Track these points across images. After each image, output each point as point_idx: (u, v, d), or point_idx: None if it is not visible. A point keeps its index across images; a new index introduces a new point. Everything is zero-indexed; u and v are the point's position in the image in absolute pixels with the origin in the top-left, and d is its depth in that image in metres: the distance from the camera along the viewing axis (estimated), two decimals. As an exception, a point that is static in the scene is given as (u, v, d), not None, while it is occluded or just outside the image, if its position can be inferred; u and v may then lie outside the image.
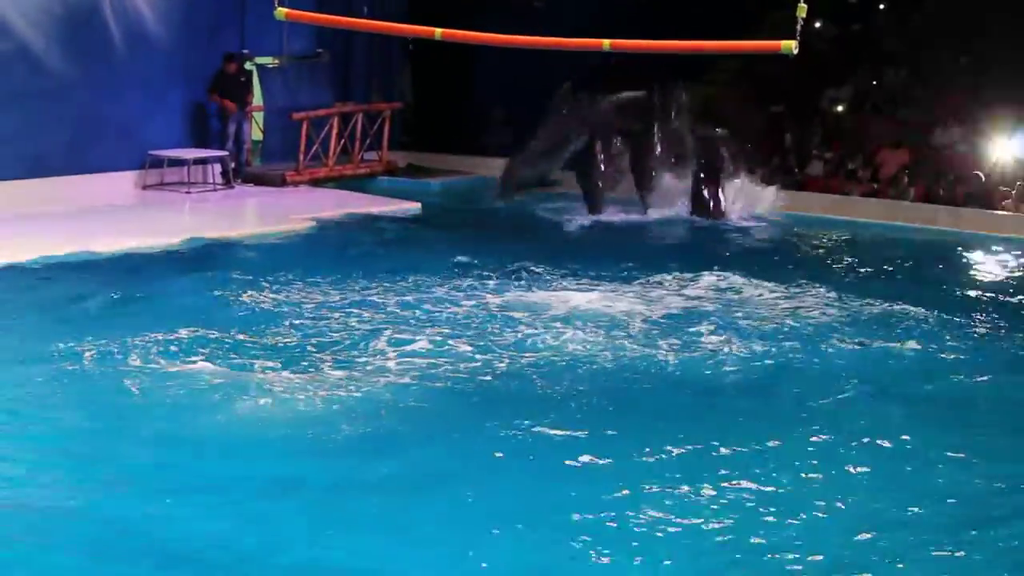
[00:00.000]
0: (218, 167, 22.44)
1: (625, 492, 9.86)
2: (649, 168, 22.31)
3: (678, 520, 9.40)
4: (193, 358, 12.57)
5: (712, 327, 14.46)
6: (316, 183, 23.39)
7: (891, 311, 15.54)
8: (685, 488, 9.95)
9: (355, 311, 14.64)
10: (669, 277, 16.98)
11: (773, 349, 13.76)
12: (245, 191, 22.43)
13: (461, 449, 10.77)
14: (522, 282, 16.48)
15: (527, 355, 13.19)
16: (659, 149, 22.27)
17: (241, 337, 13.39)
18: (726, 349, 13.73)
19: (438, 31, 13.54)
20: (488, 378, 12.49)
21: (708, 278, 16.95)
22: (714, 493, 9.88)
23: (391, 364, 12.67)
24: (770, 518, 9.53)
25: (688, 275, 17.09)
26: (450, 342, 13.49)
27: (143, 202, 21.01)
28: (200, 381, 11.96)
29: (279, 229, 19.56)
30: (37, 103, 19.94)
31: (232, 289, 15.47)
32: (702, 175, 22.10)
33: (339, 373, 12.28)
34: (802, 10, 12.55)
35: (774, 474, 10.33)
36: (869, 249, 20.20)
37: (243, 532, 9.04)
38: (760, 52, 16.77)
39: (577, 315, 14.80)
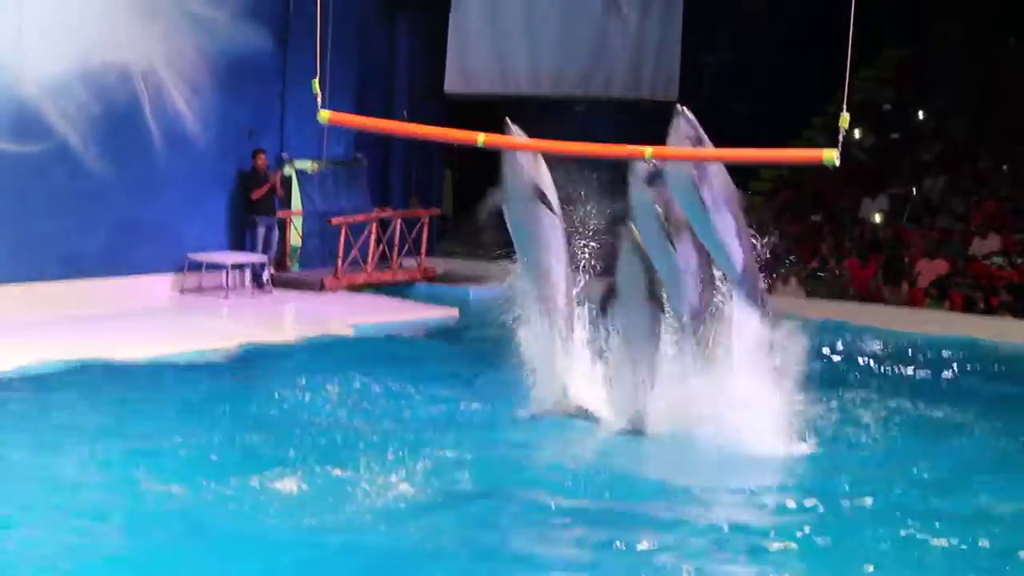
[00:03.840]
0: (263, 272, 22.40)
1: None
2: None
3: None
4: (243, 469, 12.08)
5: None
6: (354, 289, 23.19)
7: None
8: None
9: (392, 424, 14.29)
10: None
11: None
12: (283, 296, 22.21)
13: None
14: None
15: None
16: None
17: (286, 445, 13.07)
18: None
19: (480, 137, 13.03)
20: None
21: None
22: None
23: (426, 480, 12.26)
24: None
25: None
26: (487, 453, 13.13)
27: (180, 306, 20.82)
28: (263, 494, 11.48)
29: (317, 335, 19.11)
30: (75, 204, 19.86)
31: (272, 398, 15.10)
32: None
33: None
34: (845, 120, 12.19)
35: None
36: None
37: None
38: (803, 163, 16.31)
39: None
